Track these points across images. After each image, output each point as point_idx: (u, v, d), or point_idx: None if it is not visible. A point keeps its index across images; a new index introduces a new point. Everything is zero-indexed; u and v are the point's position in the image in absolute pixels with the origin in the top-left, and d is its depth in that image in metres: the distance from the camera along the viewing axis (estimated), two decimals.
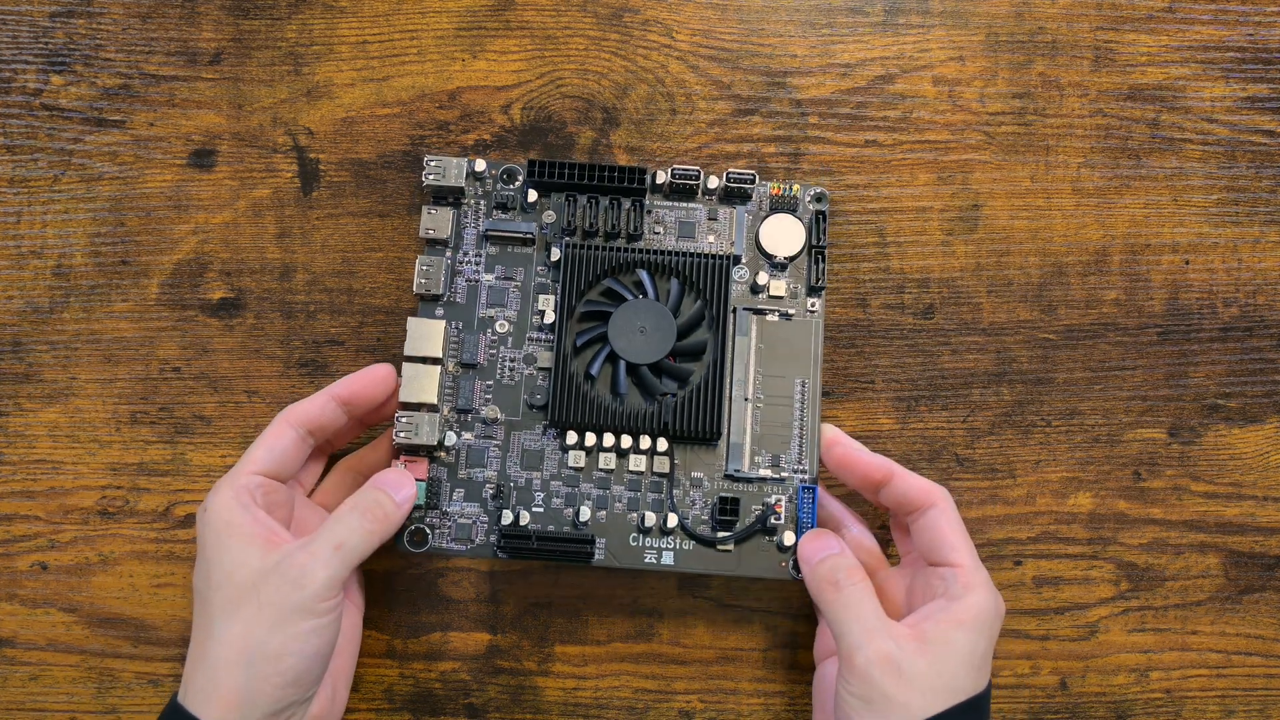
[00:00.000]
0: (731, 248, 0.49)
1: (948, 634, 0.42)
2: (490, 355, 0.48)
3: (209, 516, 0.43)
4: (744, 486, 0.48)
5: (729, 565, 0.47)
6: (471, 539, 0.47)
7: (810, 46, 0.55)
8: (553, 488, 0.47)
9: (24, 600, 0.52)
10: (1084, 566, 0.53)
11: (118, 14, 0.54)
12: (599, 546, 0.47)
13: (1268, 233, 0.55)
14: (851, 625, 0.42)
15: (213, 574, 0.42)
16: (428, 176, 0.48)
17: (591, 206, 0.48)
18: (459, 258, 0.48)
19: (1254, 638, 0.53)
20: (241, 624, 0.41)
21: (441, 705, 0.51)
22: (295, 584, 0.41)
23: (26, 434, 0.52)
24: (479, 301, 0.48)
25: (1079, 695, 0.53)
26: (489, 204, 0.49)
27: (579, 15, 0.55)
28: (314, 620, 0.41)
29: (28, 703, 0.51)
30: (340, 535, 0.42)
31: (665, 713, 0.52)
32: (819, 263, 0.49)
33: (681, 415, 0.47)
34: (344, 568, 0.42)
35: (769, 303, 0.49)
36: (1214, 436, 0.54)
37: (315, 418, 0.46)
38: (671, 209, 0.49)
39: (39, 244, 0.53)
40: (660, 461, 0.47)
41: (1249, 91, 0.55)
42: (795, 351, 0.49)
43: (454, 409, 0.47)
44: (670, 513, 0.47)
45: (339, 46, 0.54)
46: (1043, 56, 0.55)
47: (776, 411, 0.48)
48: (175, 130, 0.54)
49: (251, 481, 0.44)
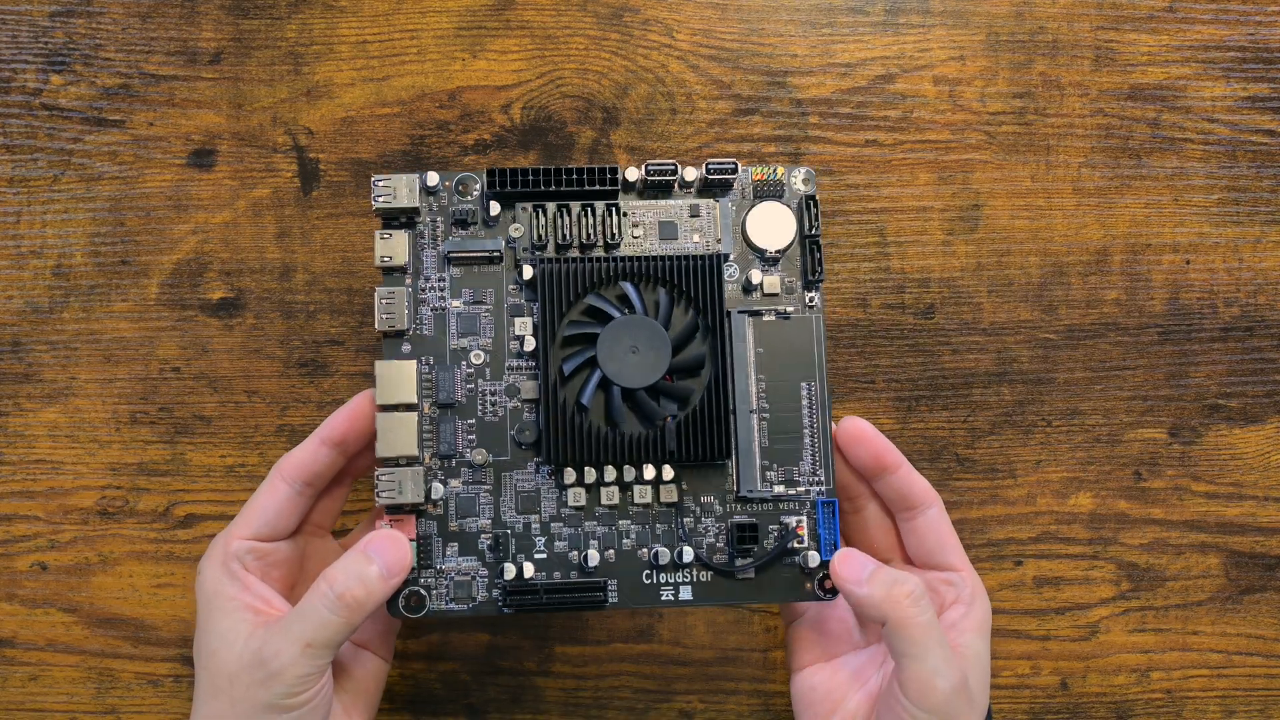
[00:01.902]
0: (719, 245, 0.45)
1: (973, 644, 0.42)
2: (468, 391, 0.44)
3: (199, 584, 0.42)
4: (759, 507, 0.44)
5: (751, 594, 0.44)
6: (473, 596, 0.43)
7: (810, 46, 0.55)
8: (554, 530, 0.43)
9: (24, 600, 0.52)
10: (1085, 567, 0.53)
11: (117, 14, 0.54)
12: (611, 589, 0.43)
13: (1268, 232, 0.55)
14: (934, 649, 0.40)
15: (202, 649, 0.41)
16: (377, 199, 0.43)
17: (562, 215, 0.44)
18: (421, 284, 0.44)
19: (1255, 638, 0.53)
20: (217, 712, 0.40)
21: (441, 705, 0.51)
22: (265, 683, 0.39)
23: (26, 434, 0.52)
24: (449, 332, 0.44)
25: (1080, 695, 0.53)
26: (446, 221, 0.44)
27: (579, 15, 0.55)
28: (289, 714, 0.39)
29: (28, 703, 0.51)
30: (309, 632, 0.39)
31: (665, 713, 0.52)
32: (814, 253, 0.45)
33: (686, 439, 0.43)
34: (317, 662, 0.40)
35: (764, 301, 0.45)
36: (1215, 436, 0.54)
37: (309, 467, 0.43)
38: (649, 208, 0.45)
39: (39, 244, 0.53)
40: (667, 490, 0.44)
41: (1249, 91, 0.55)
42: (797, 353, 0.45)
43: (436, 455, 0.43)
44: (684, 545, 0.43)
45: (339, 46, 0.54)
46: (1043, 56, 0.55)
47: (783, 420, 0.44)
48: (175, 130, 0.54)
49: (242, 548, 0.42)
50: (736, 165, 0.45)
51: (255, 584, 0.42)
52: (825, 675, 0.45)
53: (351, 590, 0.40)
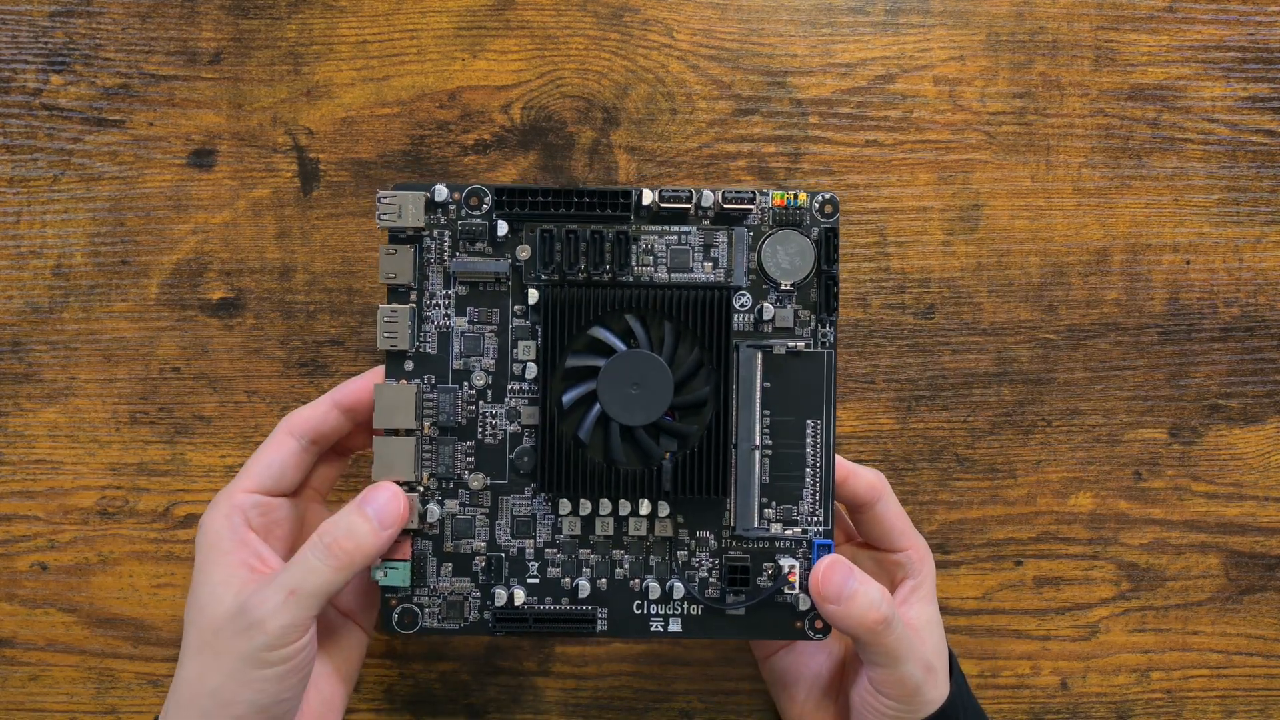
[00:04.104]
0: (730, 278, 0.44)
1: (924, 611, 0.45)
2: (469, 413, 0.43)
3: (201, 536, 0.42)
4: (754, 545, 0.44)
5: (741, 630, 0.43)
6: (464, 617, 0.43)
7: (810, 46, 0.55)
8: (547, 555, 0.43)
9: (24, 600, 0.52)
10: (1085, 567, 0.53)
11: (117, 14, 0.54)
12: (601, 618, 0.43)
13: (1269, 233, 0.55)
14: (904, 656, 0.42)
15: (193, 603, 0.41)
16: (382, 217, 0.42)
17: (570, 242, 0.43)
18: (425, 301, 0.43)
19: (1255, 638, 0.53)
20: (200, 667, 0.39)
21: (441, 705, 0.51)
22: (247, 633, 0.39)
23: (26, 434, 0.52)
24: (452, 351, 0.43)
25: (1080, 695, 0.53)
26: (454, 235, 0.43)
27: (579, 15, 0.55)
28: (270, 669, 0.39)
29: (27, 703, 0.51)
30: (295, 579, 0.39)
31: (665, 713, 0.52)
32: (830, 288, 0.43)
33: (683, 478, 0.43)
34: (301, 613, 0.39)
35: (775, 335, 0.44)
36: (1215, 436, 0.54)
37: (318, 425, 0.44)
38: (661, 234, 0.44)
39: (39, 244, 0.53)
40: (663, 525, 0.43)
41: (1250, 91, 0.55)
42: (806, 389, 0.43)
43: (434, 475, 0.43)
44: (675, 581, 0.43)
45: (339, 46, 0.54)
46: (1043, 56, 0.55)
47: (786, 458, 0.44)
48: (175, 130, 0.54)
49: (247, 501, 0.42)
50: (754, 194, 0.43)
51: (254, 541, 0.42)
52: (790, 659, 0.48)
53: (340, 540, 0.40)
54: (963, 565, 0.53)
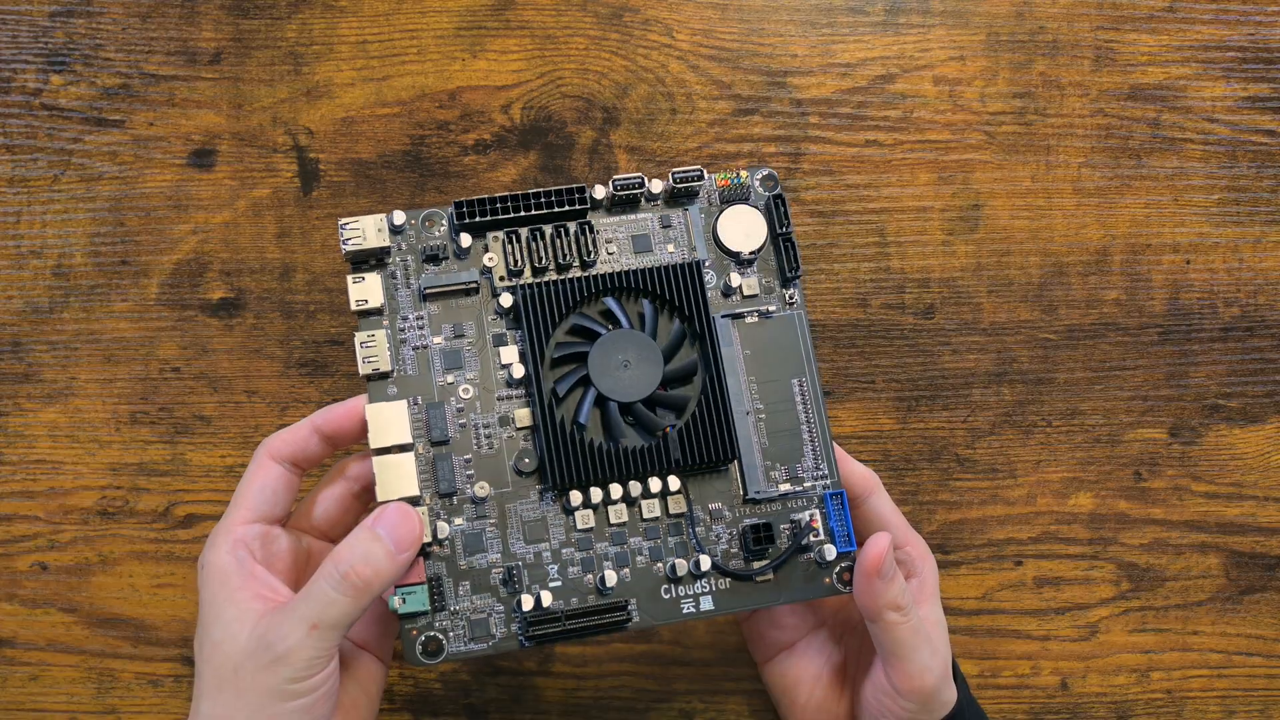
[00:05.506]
0: (694, 253, 0.45)
1: (931, 613, 0.44)
2: (461, 426, 0.43)
3: (206, 574, 0.41)
4: (767, 507, 0.44)
5: (772, 595, 0.43)
6: (491, 634, 0.41)
7: (810, 46, 0.55)
8: (565, 555, 0.42)
9: (24, 600, 0.52)
10: (1085, 567, 0.53)
11: (117, 14, 0.54)
12: (632, 608, 0.42)
13: (1269, 233, 0.55)
14: (920, 648, 0.42)
15: (206, 641, 0.40)
16: (346, 244, 0.42)
17: (535, 239, 0.44)
18: (399, 324, 0.43)
19: (1255, 638, 0.53)
20: (222, 707, 0.39)
21: (441, 705, 0.51)
22: (271, 667, 0.38)
23: (26, 434, 0.52)
24: (434, 369, 0.43)
25: (1080, 695, 0.53)
26: (417, 258, 0.43)
27: (579, 15, 0.55)
28: (297, 701, 0.38)
29: (27, 703, 0.51)
30: (315, 612, 0.38)
31: (665, 713, 0.52)
32: (789, 250, 0.45)
33: (689, 446, 0.43)
34: (325, 644, 0.38)
35: (745, 303, 0.45)
36: (1215, 436, 0.54)
37: (300, 449, 0.42)
38: (620, 224, 0.45)
39: (39, 244, 0.53)
40: (675, 501, 0.43)
41: (1250, 91, 0.55)
42: (784, 351, 0.45)
43: (436, 494, 0.42)
44: (699, 555, 0.43)
45: (339, 46, 0.54)
46: (1043, 56, 0.55)
47: (780, 418, 0.44)
48: (175, 130, 0.54)
49: (248, 533, 0.41)
50: (703, 172, 0.44)
51: (262, 573, 0.41)
52: (791, 663, 0.48)
53: (357, 568, 0.38)
54: (963, 565, 0.53)
